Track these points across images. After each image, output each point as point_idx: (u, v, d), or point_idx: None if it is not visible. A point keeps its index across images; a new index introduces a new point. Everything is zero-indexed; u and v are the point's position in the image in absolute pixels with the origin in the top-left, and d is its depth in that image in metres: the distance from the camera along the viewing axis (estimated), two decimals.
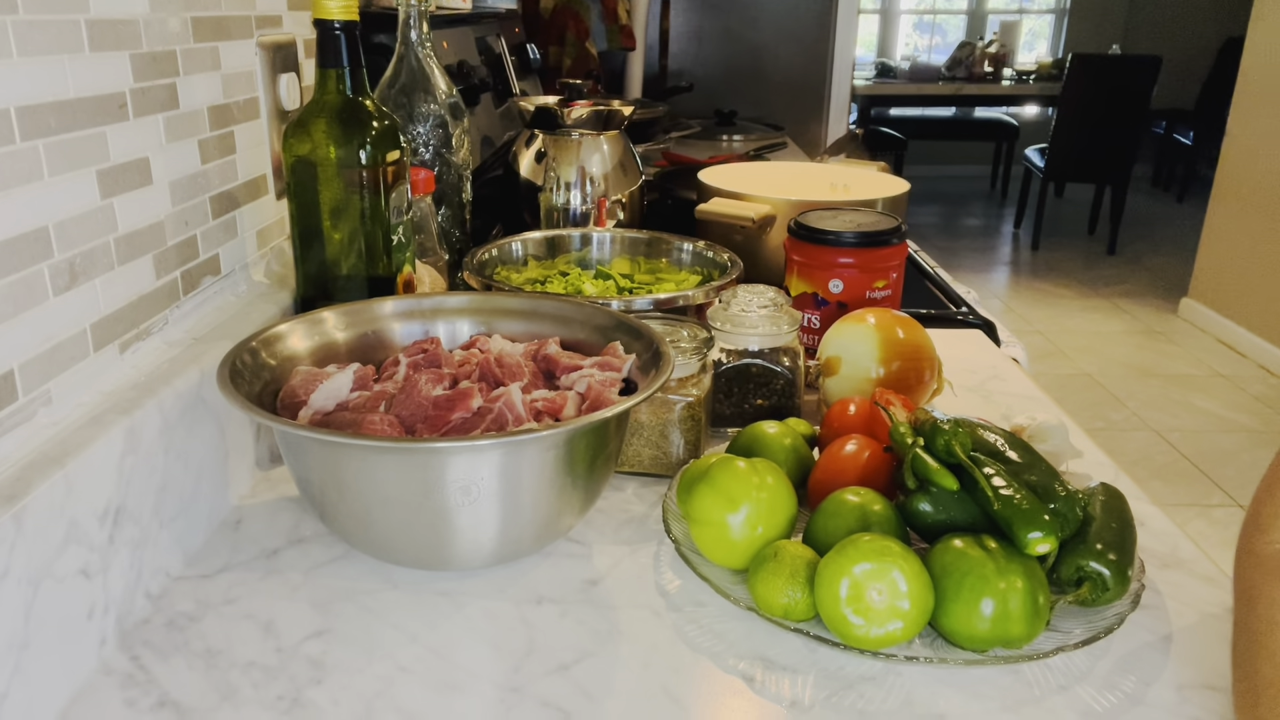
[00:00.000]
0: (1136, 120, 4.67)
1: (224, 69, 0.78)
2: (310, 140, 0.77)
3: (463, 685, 0.55)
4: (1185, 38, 6.45)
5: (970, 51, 5.96)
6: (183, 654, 0.57)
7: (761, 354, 0.83)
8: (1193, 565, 0.68)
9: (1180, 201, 6.18)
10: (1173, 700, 0.54)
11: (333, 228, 0.79)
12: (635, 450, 0.77)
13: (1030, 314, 4.19)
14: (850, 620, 0.55)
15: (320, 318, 0.74)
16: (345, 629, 0.59)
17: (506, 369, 0.70)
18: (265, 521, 0.71)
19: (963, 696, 0.54)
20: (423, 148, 1.08)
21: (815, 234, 0.96)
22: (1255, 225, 3.64)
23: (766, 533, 0.62)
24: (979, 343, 1.10)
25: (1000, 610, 0.54)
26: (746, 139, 2.33)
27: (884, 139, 5.58)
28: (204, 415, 0.67)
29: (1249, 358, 3.67)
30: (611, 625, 0.60)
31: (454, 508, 0.58)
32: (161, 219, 0.69)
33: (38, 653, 0.50)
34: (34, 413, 0.55)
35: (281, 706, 0.53)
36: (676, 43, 3.62)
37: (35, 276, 0.55)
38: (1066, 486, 0.61)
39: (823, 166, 1.49)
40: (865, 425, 0.73)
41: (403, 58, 1.06)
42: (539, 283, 1.04)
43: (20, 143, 0.53)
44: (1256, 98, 3.66)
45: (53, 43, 0.56)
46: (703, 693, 0.54)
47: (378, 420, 0.63)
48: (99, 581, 0.55)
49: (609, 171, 1.27)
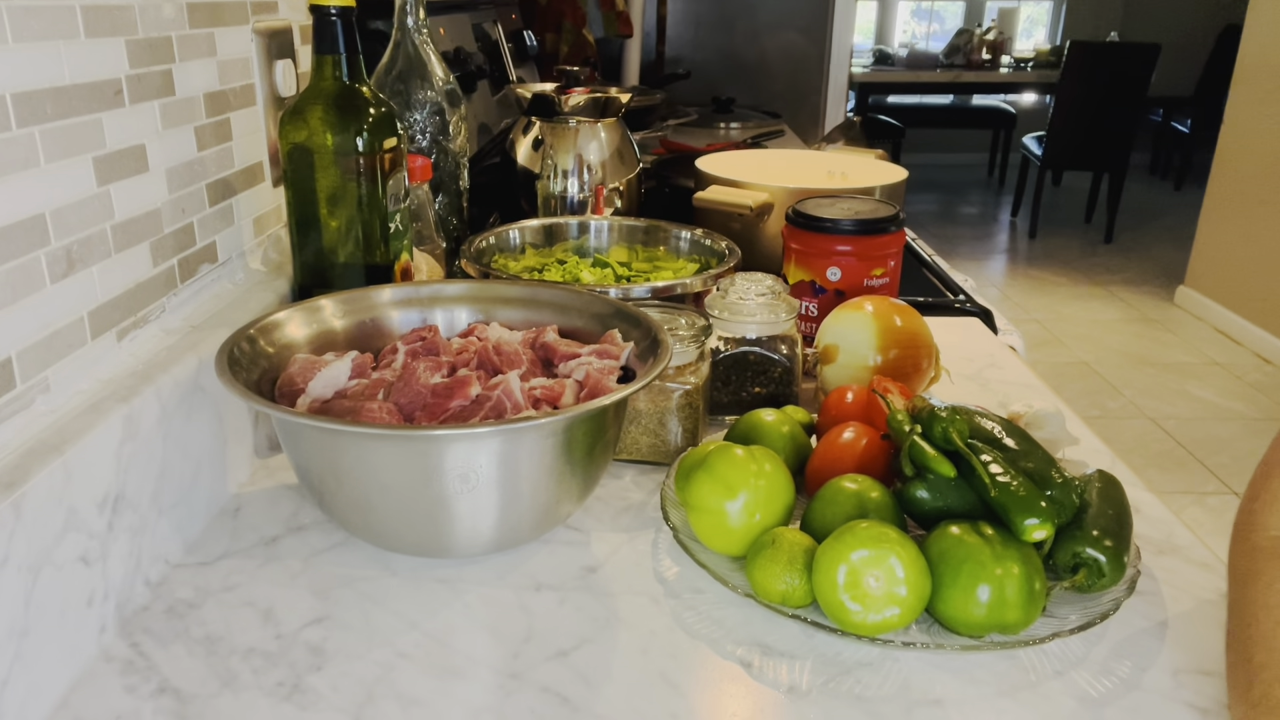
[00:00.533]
0: (1134, 108, 4.67)
1: (220, 55, 0.78)
2: (307, 127, 0.77)
3: (462, 671, 0.55)
4: (1183, 25, 6.44)
5: (968, 39, 5.94)
6: (182, 641, 0.57)
7: (759, 342, 0.83)
8: (1188, 551, 0.68)
9: (1178, 189, 6.18)
10: (1168, 685, 0.55)
11: (330, 215, 0.79)
12: (633, 438, 0.77)
13: (1027, 302, 4.19)
14: (848, 606, 0.55)
15: (318, 305, 0.74)
16: (344, 616, 0.59)
17: (505, 357, 0.70)
18: (264, 509, 0.71)
19: (959, 682, 0.55)
20: (420, 135, 1.07)
21: (813, 221, 0.96)
22: (1252, 214, 3.65)
23: (764, 520, 0.62)
24: (976, 330, 1.10)
25: (997, 596, 0.54)
26: (744, 126, 2.32)
27: (882, 126, 5.56)
28: (202, 403, 0.67)
29: (1245, 346, 3.68)
30: (610, 612, 0.60)
31: (452, 495, 0.58)
32: (158, 206, 0.69)
33: (38, 640, 0.50)
34: (32, 400, 0.55)
35: (281, 693, 0.53)
36: (674, 30, 3.61)
37: (32, 264, 0.54)
38: (1063, 473, 0.61)
39: (820, 154, 1.48)
40: (863, 413, 0.73)
41: (399, 44, 1.05)
42: (536, 271, 1.04)
43: (16, 129, 0.53)
44: (1254, 86, 3.65)
45: (48, 28, 0.56)
46: (701, 679, 0.55)
47: (376, 408, 0.63)
48: (98, 569, 0.55)
49: (606, 159, 1.26)
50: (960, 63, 5.89)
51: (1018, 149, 5.88)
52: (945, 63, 5.93)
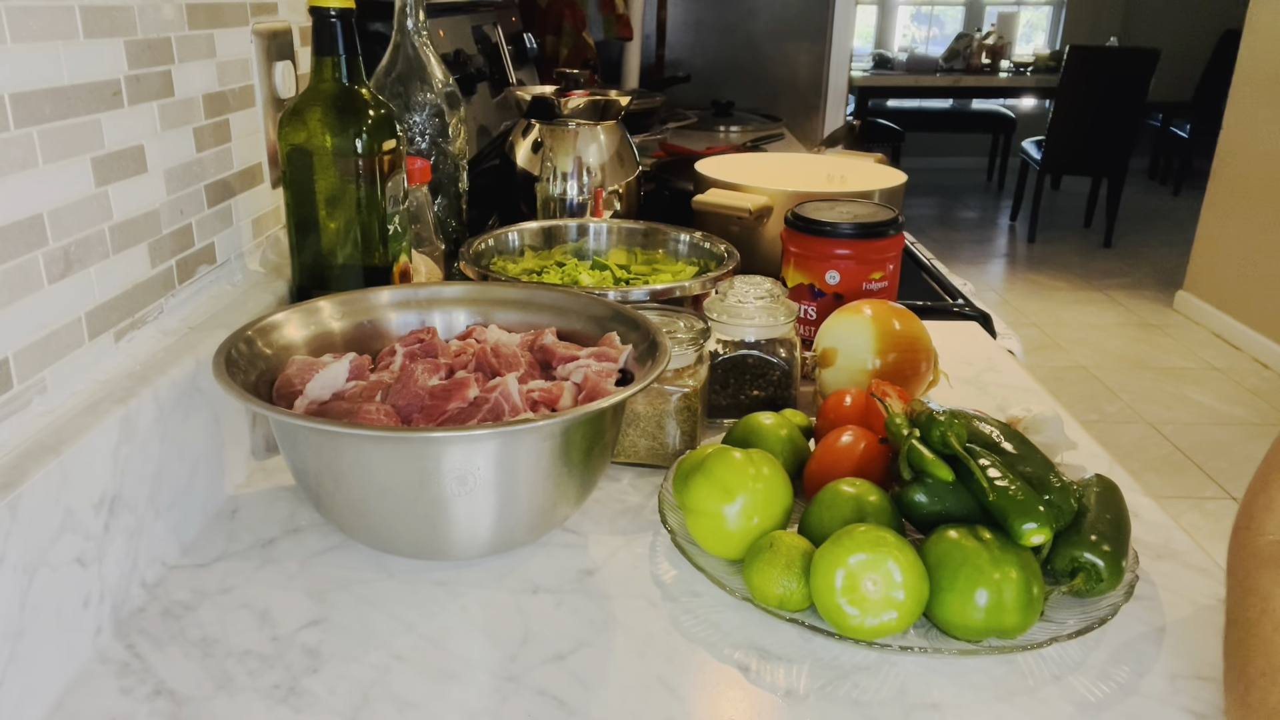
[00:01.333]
0: (1133, 113, 4.67)
1: (219, 56, 0.78)
2: (306, 129, 0.77)
3: (458, 674, 0.55)
4: (1183, 30, 6.45)
5: (968, 43, 5.95)
6: (178, 642, 0.57)
7: (758, 345, 0.83)
8: (1186, 556, 0.68)
9: (1176, 194, 6.18)
10: (1165, 690, 0.55)
11: (328, 217, 0.79)
12: (631, 441, 0.77)
13: (1026, 306, 4.19)
14: (845, 610, 0.55)
15: (316, 307, 0.74)
16: (341, 618, 0.59)
17: (503, 359, 0.70)
18: (261, 511, 0.71)
19: (957, 686, 0.55)
20: (419, 137, 1.07)
21: (812, 225, 0.96)
22: (1251, 219, 3.65)
23: (762, 523, 0.62)
24: (975, 335, 1.10)
25: (995, 601, 0.54)
26: (744, 130, 2.32)
27: (881, 130, 5.57)
28: (199, 404, 0.67)
29: (1243, 351, 3.68)
30: (607, 615, 0.60)
31: (450, 497, 0.58)
32: (156, 207, 0.68)
33: (33, 641, 0.50)
34: (29, 401, 0.55)
35: (277, 695, 0.53)
36: (674, 33, 3.61)
37: (30, 264, 0.54)
38: (1061, 478, 0.61)
39: (820, 157, 1.48)
40: (861, 416, 0.73)
41: (399, 46, 1.05)
42: (535, 273, 1.04)
43: (15, 130, 0.53)
44: (1254, 91, 3.66)
45: (47, 29, 0.56)
46: (698, 682, 0.55)
47: (374, 410, 0.63)
48: (94, 570, 0.55)
49: (606, 162, 1.26)
50: (960, 67, 5.90)
51: (1017, 153, 5.88)
52: (945, 67, 5.93)
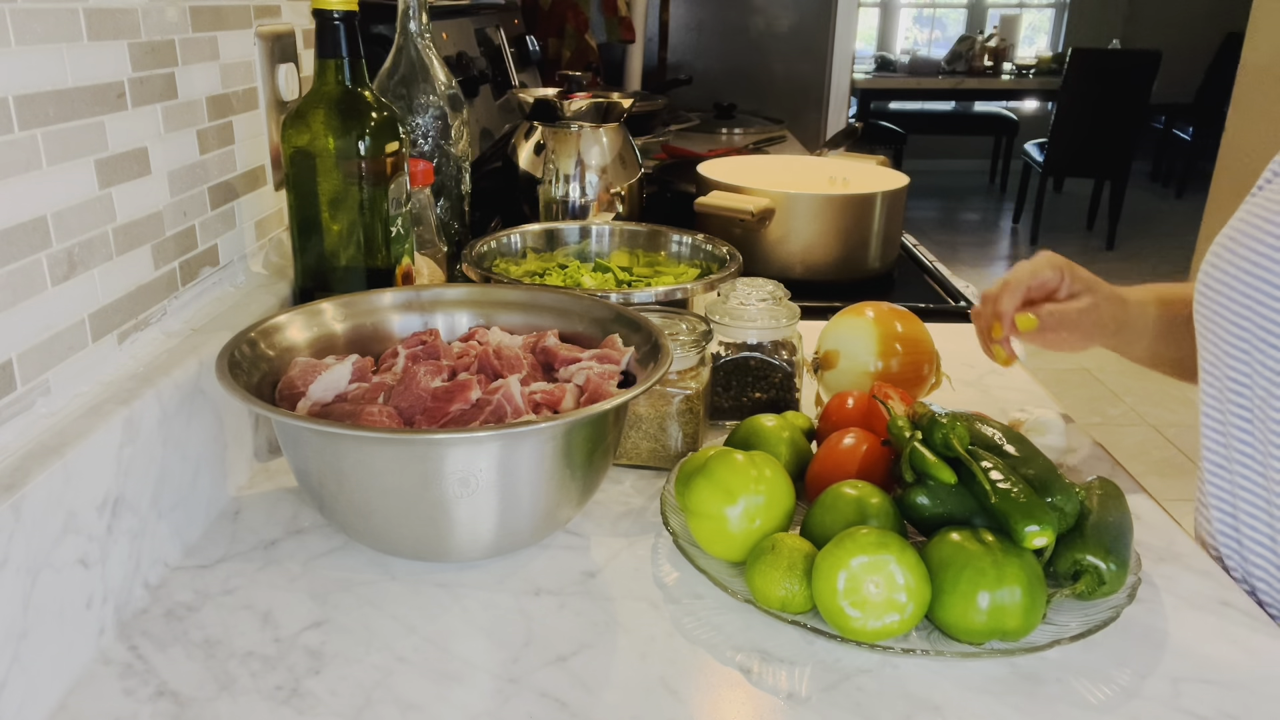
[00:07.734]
0: (1136, 115, 4.67)
1: (222, 59, 0.78)
2: (309, 131, 0.77)
3: (461, 676, 0.55)
4: (1185, 33, 6.44)
5: (970, 45, 5.94)
6: (181, 644, 0.57)
7: (760, 347, 0.83)
8: (1189, 559, 0.68)
9: (1179, 197, 6.17)
10: (1167, 693, 0.55)
11: (331, 219, 0.79)
12: (634, 443, 0.77)
13: None
14: (847, 613, 0.55)
15: (319, 309, 0.74)
16: (344, 619, 0.59)
17: (505, 361, 0.70)
18: (264, 512, 0.71)
19: (959, 689, 0.55)
20: (422, 139, 1.07)
21: None
22: None
23: (764, 525, 0.62)
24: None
25: (997, 603, 0.54)
26: (746, 132, 2.32)
27: (883, 133, 5.57)
28: (202, 406, 0.67)
29: None
30: (609, 617, 0.60)
31: (452, 499, 0.58)
32: (160, 209, 0.69)
33: (36, 642, 0.50)
34: (32, 402, 0.55)
35: (280, 696, 0.53)
36: (676, 35, 3.61)
37: (34, 266, 0.54)
38: (1064, 481, 0.61)
39: (822, 160, 1.48)
40: (863, 419, 0.73)
41: (402, 49, 1.05)
42: (538, 275, 1.04)
43: (19, 132, 0.53)
44: (1256, 93, 3.65)
45: (51, 31, 0.56)
46: (700, 684, 0.55)
47: (376, 412, 0.63)
48: (97, 571, 0.55)
49: (608, 164, 1.26)
50: (962, 69, 5.89)
51: (1019, 155, 5.87)
52: (947, 69, 5.93)
